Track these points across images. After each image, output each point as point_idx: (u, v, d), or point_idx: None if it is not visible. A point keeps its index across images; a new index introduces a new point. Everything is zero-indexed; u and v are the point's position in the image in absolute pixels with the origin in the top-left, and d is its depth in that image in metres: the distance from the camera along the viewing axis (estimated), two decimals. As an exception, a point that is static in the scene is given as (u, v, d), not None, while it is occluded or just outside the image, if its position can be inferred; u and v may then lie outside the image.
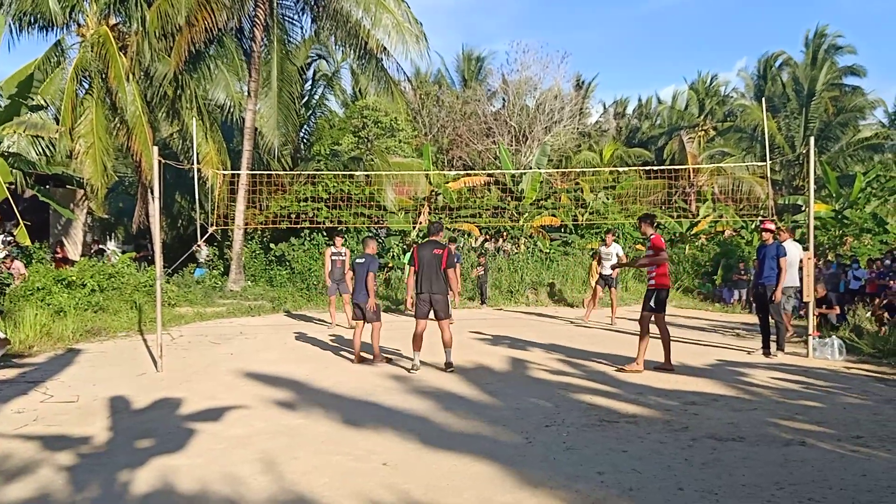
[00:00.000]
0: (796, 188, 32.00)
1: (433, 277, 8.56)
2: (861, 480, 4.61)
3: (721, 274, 20.03)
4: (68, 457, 5.22)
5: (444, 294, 8.61)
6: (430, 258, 8.59)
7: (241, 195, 19.51)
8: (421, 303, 8.67)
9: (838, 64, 34.46)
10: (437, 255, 8.58)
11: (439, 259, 8.57)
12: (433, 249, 8.62)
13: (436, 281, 8.56)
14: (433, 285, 8.57)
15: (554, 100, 31.83)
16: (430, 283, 8.57)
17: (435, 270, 8.55)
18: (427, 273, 8.57)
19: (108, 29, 18.65)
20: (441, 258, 8.57)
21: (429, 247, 8.67)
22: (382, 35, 20.25)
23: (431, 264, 8.57)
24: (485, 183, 25.21)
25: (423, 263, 8.61)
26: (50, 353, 10.02)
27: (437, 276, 8.56)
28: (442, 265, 8.57)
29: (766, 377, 8.29)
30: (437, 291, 8.58)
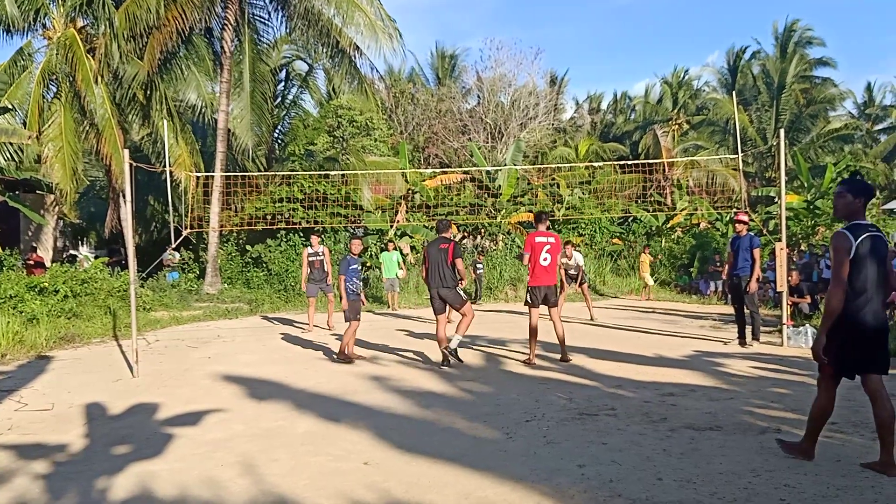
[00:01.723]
0: (769, 180, 32.41)
1: (440, 272, 8.80)
2: (836, 466, 4.68)
3: (697, 266, 20.24)
4: (44, 465, 5.14)
5: (453, 288, 8.82)
6: (437, 254, 8.85)
7: (216, 197, 19.35)
8: (433, 299, 8.94)
9: (808, 56, 34.93)
10: (444, 250, 8.84)
11: (445, 253, 8.83)
12: (440, 245, 8.90)
13: (443, 276, 8.80)
14: (441, 280, 8.80)
15: (528, 96, 31.93)
16: (438, 279, 8.82)
17: (442, 265, 8.80)
18: (435, 269, 8.84)
19: (75, 31, 18.39)
20: (447, 252, 8.83)
21: (436, 243, 8.97)
22: (355, 33, 20.22)
23: (438, 260, 8.83)
24: (461, 180, 25.24)
25: (431, 260, 8.88)
26: (23, 360, 9.86)
27: (445, 270, 8.81)
28: (448, 258, 8.82)
29: (742, 367, 8.40)
30: (446, 286, 8.80)
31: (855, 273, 4.52)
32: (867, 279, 4.52)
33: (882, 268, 4.57)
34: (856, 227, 4.58)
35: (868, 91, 45.36)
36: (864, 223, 4.61)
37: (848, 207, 4.70)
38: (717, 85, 38.64)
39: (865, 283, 4.52)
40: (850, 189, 4.71)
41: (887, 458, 4.50)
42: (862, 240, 4.50)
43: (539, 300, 8.89)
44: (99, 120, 18.63)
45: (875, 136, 44.09)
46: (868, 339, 4.56)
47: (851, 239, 4.51)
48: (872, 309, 4.54)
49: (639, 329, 12.22)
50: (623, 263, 22.74)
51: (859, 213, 4.66)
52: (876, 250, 4.53)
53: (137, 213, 24.43)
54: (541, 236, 8.90)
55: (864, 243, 4.50)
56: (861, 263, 4.51)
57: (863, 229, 4.55)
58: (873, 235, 4.55)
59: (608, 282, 21.24)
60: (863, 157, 37.60)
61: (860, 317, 4.53)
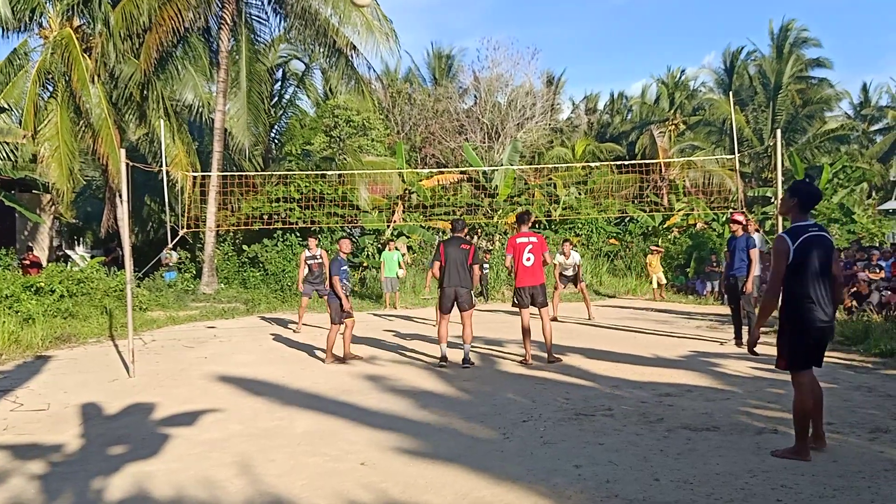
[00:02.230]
0: (765, 180, 32.44)
1: (460, 272, 8.80)
2: (832, 466, 4.69)
3: (694, 266, 20.26)
4: (40, 465, 5.12)
5: (469, 288, 8.88)
6: (458, 254, 8.84)
7: (212, 197, 19.33)
8: (445, 297, 8.88)
9: (804, 57, 34.98)
10: (465, 251, 8.86)
11: (466, 254, 8.85)
12: (460, 245, 8.90)
13: (463, 275, 8.82)
14: (461, 279, 8.81)
15: (525, 96, 31.92)
16: (458, 278, 8.81)
17: (462, 265, 8.81)
18: (454, 268, 8.81)
19: (71, 31, 18.35)
20: (468, 253, 8.86)
21: (455, 243, 8.94)
22: (352, 33, 20.22)
23: (458, 259, 8.82)
24: (458, 180, 25.24)
25: (449, 259, 8.83)
26: (19, 360, 9.83)
27: (464, 270, 8.82)
28: (468, 260, 8.84)
29: (739, 367, 8.41)
30: (463, 286, 8.82)
31: (795, 274, 4.78)
32: (808, 278, 4.77)
33: (825, 266, 4.80)
34: (796, 229, 4.84)
35: (864, 92, 45.48)
36: (806, 223, 4.84)
37: (784, 205, 5.07)
38: (714, 85, 38.66)
39: (806, 283, 4.77)
40: (789, 189, 5.06)
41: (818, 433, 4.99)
42: (801, 242, 4.76)
43: (527, 300, 8.91)
44: (95, 119, 18.59)
45: (871, 137, 44.18)
46: (813, 335, 4.83)
47: (789, 242, 4.77)
48: (818, 306, 4.78)
49: (635, 329, 12.23)
50: (619, 264, 22.76)
51: (794, 213, 4.93)
52: (816, 250, 4.76)
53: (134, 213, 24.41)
54: (522, 237, 8.94)
55: (803, 245, 4.75)
56: (801, 264, 4.76)
57: (803, 230, 4.80)
58: (814, 235, 4.79)
59: (605, 282, 21.25)
60: (859, 157, 37.67)
61: (804, 314, 4.79)
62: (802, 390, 4.87)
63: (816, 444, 4.99)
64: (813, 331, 4.80)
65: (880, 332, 9.73)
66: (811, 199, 4.97)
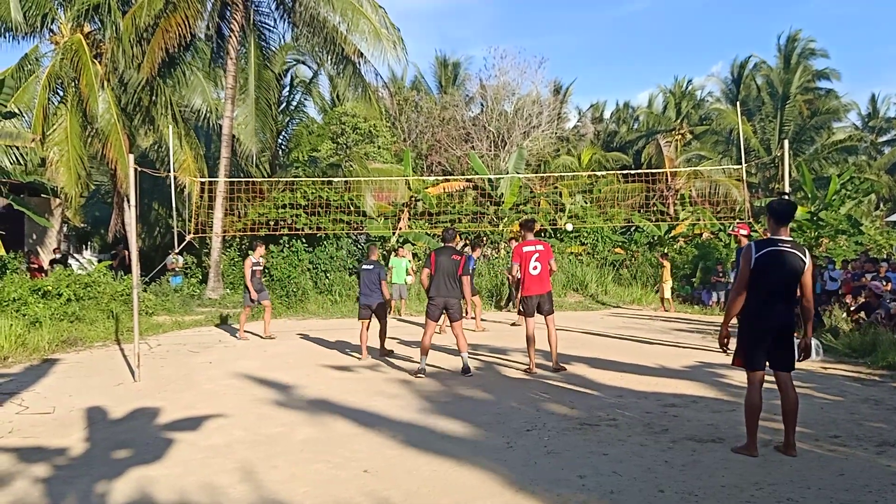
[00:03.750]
0: (772, 191, 32.37)
1: (449, 283, 8.74)
2: (838, 480, 4.66)
3: (699, 276, 20.18)
4: (44, 468, 5.14)
5: (458, 298, 8.83)
6: (448, 264, 8.78)
7: (219, 202, 19.37)
8: (434, 307, 8.81)
9: (812, 68, 34.95)
10: (455, 261, 8.80)
11: (457, 265, 8.79)
12: (451, 255, 8.84)
13: (452, 286, 8.76)
14: (448, 290, 8.75)
15: (532, 105, 31.97)
16: (447, 288, 8.75)
17: (452, 276, 8.75)
18: (443, 278, 8.74)
19: (81, 37, 18.46)
20: (458, 264, 8.79)
21: (447, 252, 8.87)
22: (359, 41, 20.24)
23: (448, 270, 8.76)
24: (464, 188, 25.25)
25: (439, 269, 8.76)
26: (25, 363, 9.87)
27: (454, 281, 8.76)
28: (459, 271, 8.78)
29: (745, 378, 8.32)
30: (453, 296, 8.77)
31: (756, 280, 5.16)
32: (766, 286, 5.14)
33: (786, 277, 5.15)
34: (765, 241, 5.27)
35: (872, 103, 45.40)
36: (778, 238, 5.23)
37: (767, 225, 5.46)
38: (721, 95, 38.67)
39: (764, 290, 5.15)
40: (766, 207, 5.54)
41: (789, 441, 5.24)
42: (763, 252, 5.16)
43: (533, 309, 8.83)
44: (104, 125, 18.69)
45: (879, 148, 44.10)
46: (769, 339, 5.20)
47: (753, 250, 5.21)
48: (772, 313, 5.15)
49: (641, 339, 12.19)
50: (625, 273, 22.70)
51: (771, 229, 5.33)
52: (779, 261, 5.12)
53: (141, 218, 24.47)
54: (528, 245, 8.81)
55: (765, 255, 5.15)
56: (761, 272, 5.14)
57: (771, 243, 5.20)
58: (779, 249, 5.15)
59: (610, 291, 21.18)
60: (867, 168, 37.59)
61: (761, 319, 5.19)
62: (751, 388, 5.29)
63: (787, 452, 5.20)
64: (763, 333, 5.20)
65: (888, 344, 9.66)
66: (782, 215, 5.31)
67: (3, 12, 18.10)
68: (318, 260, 19.99)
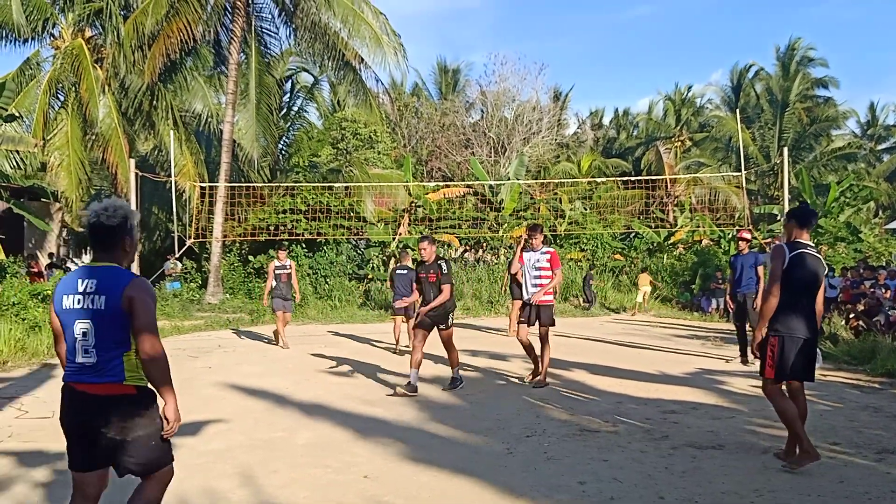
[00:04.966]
0: (771, 197, 32.43)
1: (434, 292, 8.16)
2: (838, 487, 4.66)
3: (699, 283, 20.21)
4: (45, 473, 5.13)
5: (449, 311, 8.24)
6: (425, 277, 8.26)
7: (220, 207, 19.39)
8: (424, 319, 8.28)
9: (811, 75, 35.05)
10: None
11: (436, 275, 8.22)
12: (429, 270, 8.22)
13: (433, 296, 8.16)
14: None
15: (532, 111, 32.05)
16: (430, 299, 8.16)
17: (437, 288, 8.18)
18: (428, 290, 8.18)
19: (83, 41, 18.52)
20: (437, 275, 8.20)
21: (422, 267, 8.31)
22: (360, 47, 20.33)
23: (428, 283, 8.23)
24: (464, 194, 25.30)
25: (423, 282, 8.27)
26: (25, 368, 9.86)
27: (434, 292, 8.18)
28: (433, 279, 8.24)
29: (745, 385, 8.37)
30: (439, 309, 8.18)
31: (786, 282, 4.99)
32: (796, 289, 4.99)
33: (813, 282, 5.06)
34: (793, 244, 5.13)
35: (871, 111, 45.48)
36: (804, 242, 5.13)
37: (785, 231, 5.38)
38: (720, 103, 38.76)
39: (794, 293, 4.99)
40: (786, 215, 5.44)
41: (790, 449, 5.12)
42: (796, 253, 5.02)
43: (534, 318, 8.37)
44: (105, 129, 18.73)
45: (878, 156, 44.17)
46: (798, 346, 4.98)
47: (786, 250, 5.06)
48: (803, 317, 4.99)
49: (640, 345, 12.20)
50: (624, 279, 22.72)
51: (794, 234, 5.21)
52: (808, 265, 5.02)
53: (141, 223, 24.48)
54: (532, 251, 8.49)
55: (798, 257, 5.01)
56: (793, 275, 5.00)
57: (800, 246, 5.08)
58: (808, 253, 5.05)
59: (609, 297, 21.20)
60: (866, 176, 37.62)
61: (793, 324, 4.98)
62: (779, 398, 5.09)
63: (787, 459, 5.12)
64: (796, 340, 4.98)
65: (887, 351, 9.67)
66: (807, 218, 5.23)
67: (5, 16, 18.16)
68: (318, 265, 20.01)
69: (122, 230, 3.22)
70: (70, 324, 3.14)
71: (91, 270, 3.19)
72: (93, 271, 3.18)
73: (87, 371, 3.14)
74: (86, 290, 3.12)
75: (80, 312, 3.11)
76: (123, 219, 3.22)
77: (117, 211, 3.21)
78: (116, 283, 3.12)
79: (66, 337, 3.19)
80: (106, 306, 3.09)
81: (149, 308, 3.15)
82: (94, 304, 3.10)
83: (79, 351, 3.14)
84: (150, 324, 3.14)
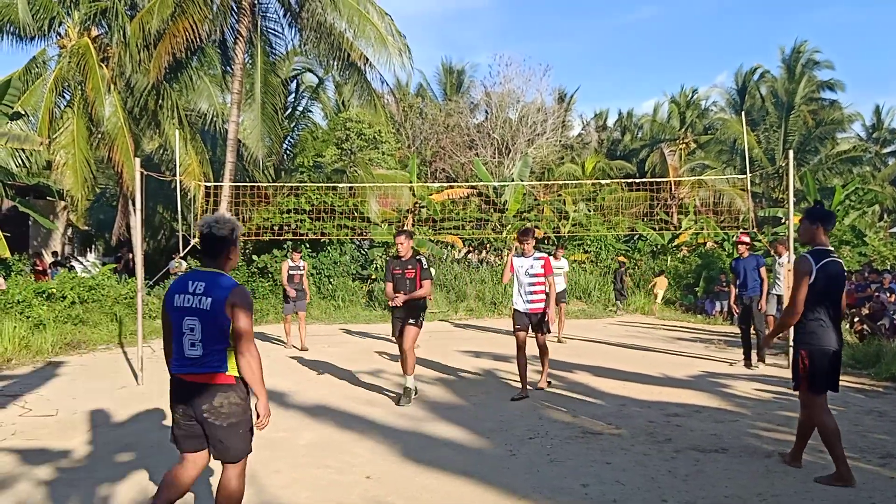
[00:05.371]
0: (776, 200, 32.34)
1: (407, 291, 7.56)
2: (842, 491, 4.65)
3: (703, 286, 20.17)
4: (47, 471, 5.14)
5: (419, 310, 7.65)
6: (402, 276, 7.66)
7: (224, 206, 19.39)
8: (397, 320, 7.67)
9: (816, 78, 34.95)
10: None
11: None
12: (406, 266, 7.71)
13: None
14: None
15: (536, 112, 32.03)
16: None
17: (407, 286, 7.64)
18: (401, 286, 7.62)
19: (89, 40, 18.55)
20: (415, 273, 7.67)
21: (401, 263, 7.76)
22: (366, 47, 20.33)
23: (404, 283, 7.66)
24: (467, 195, 25.29)
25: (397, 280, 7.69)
26: (29, 366, 9.89)
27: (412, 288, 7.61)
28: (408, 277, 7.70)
29: (748, 388, 8.36)
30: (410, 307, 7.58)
31: (814, 296, 4.84)
32: (824, 302, 4.85)
33: (837, 292, 4.93)
34: (819, 252, 4.92)
35: (877, 114, 45.34)
36: (827, 248, 4.95)
37: (807, 233, 5.07)
38: (725, 105, 38.67)
39: (823, 306, 4.86)
40: (807, 216, 5.11)
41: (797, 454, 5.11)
42: (822, 265, 4.83)
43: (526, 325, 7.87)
44: (111, 128, 18.76)
45: (883, 159, 44.03)
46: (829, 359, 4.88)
47: (812, 263, 4.83)
48: (835, 330, 4.88)
49: (644, 348, 12.18)
50: (628, 281, 22.68)
51: (818, 238, 4.99)
52: (834, 275, 4.87)
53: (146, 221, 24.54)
54: (524, 257, 7.94)
55: (825, 268, 4.83)
56: (820, 287, 4.83)
57: (825, 254, 4.89)
58: (833, 261, 4.89)
59: (612, 299, 21.16)
60: (871, 179, 37.52)
61: (826, 339, 4.86)
62: (820, 412, 4.88)
63: (792, 463, 5.12)
64: (830, 354, 4.85)
65: (892, 355, 9.64)
66: (832, 219, 5.10)
67: (11, 14, 18.21)
68: (322, 265, 20.02)
69: (229, 241, 3.67)
70: (179, 320, 3.56)
71: (200, 274, 3.63)
72: (202, 275, 3.62)
73: (193, 363, 3.54)
74: (195, 291, 3.54)
75: (188, 311, 3.53)
76: (231, 231, 3.67)
77: (226, 224, 3.66)
78: (221, 288, 3.53)
79: (174, 332, 3.60)
80: (211, 307, 3.49)
81: (248, 314, 3.53)
82: (200, 305, 3.51)
83: (186, 345, 3.54)
84: (247, 328, 3.51)
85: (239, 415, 3.56)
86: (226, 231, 3.64)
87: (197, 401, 3.52)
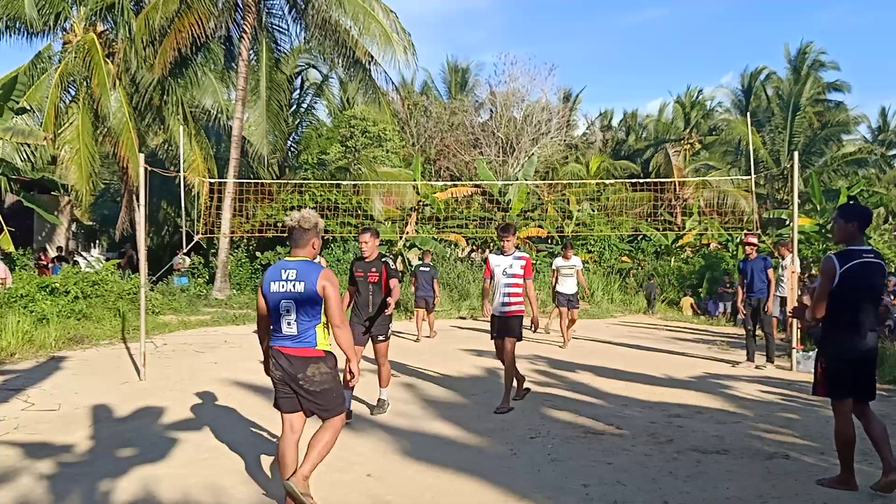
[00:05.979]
0: (780, 202, 32.28)
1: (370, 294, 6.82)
2: (844, 494, 4.63)
3: (706, 287, 20.15)
4: (49, 465, 5.15)
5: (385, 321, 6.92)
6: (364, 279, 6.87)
7: (228, 203, 19.44)
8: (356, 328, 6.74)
9: (822, 80, 34.84)
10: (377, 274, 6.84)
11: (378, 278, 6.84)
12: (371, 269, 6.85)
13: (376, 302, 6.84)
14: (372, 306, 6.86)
15: (541, 112, 31.98)
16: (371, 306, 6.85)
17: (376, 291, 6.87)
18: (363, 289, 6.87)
19: (94, 36, 18.59)
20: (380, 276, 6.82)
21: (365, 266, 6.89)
22: (370, 44, 20.35)
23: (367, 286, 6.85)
24: (471, 193, 25.28)
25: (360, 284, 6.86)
26: (32, 360, 9.90)
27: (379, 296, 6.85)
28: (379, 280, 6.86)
29: (751, 390, 8.34)
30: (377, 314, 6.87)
31: (840, 298, 4.58)
32: (850, 305, 4.58)
33: (873, 295, 4.65)
34: (847, 252, 4.64)
35: (882, 116, 45.20)
36: (859, 248, 4.65)
37: (842, 232, 4.76)
38: (731, 106, 38.56)
39: (848, 309, 4.59)
40: (842, 214, 4.82)
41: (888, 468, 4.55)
42: (850, 266, 4.55)
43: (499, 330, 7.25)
44: (116, 123, 18.80)
45: (889, 161, 43.89)
46: (851, 364, 4.65)
47: (836, 265, 4.58)
48: (862, 338, 4.62)
49: (646, 348, 12.17)
50: (631, 281, 22.67)
51: (854, 238, 4.70)
52: (865, 277, 4.58)
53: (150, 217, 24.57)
54: (501, 257, 7.30)
55: (851, 270, 4.55)
56: (845, 289, 4.56)
57: (856, 255, 4.60)
58: (865, 262, 4.59)
59: (616, 299, 21.16)
60: (876, 182, 37.38)
61: (842, 342, 4.65)
62: (841, 419, 4.69)
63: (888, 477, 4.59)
64: (852, 360, 4.65)
65: (895, 359, 9.62)
66: (868, 220, 4.79)
67: (17, 10, 18.25)
68: (326, 263, 20.05)
69: (313, 233, 4.28)
70: (276, 303, 4.15)
71: (292, 263, 4.21)
72: (292, 263, 4.20)
73: (289, 338, 4.16)
74: (288, 278, 4.13)
75: (284, 294, 4.12)
76: (314, 225, 4.29)
77: (310, 219, 4.28)
78: (311, 273, 4.12)
79: (271, 313, 4.20)
80: (304, 290, 4.08)
81: (337, 293, 4.16)
82: (294, 289, 4.10)
83: (283, 324, 4.15)
84: (338, 304, 4.15)
85: (329, 381, 4.17)
86: (310, 225, 4.25)
87: (293, 370, 4.12)
